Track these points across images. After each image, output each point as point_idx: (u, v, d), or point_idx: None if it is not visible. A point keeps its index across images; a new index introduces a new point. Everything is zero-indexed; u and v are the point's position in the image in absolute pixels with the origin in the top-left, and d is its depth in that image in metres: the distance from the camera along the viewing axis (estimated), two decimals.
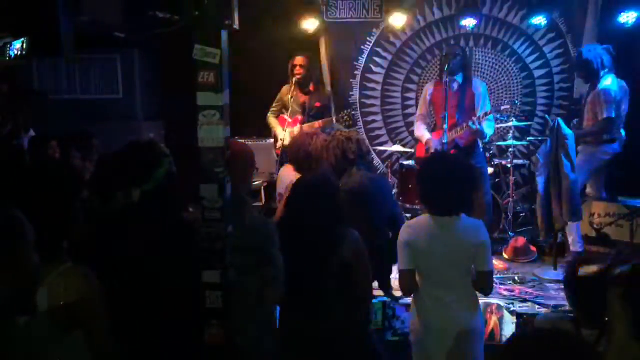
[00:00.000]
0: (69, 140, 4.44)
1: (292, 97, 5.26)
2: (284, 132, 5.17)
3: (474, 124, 4.52)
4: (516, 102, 4.74)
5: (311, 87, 5.39)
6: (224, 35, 2.34)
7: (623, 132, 4.78)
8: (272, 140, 5.63)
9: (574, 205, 4.28)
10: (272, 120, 5.48)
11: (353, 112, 6.49)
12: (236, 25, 2.40)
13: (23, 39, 5.19)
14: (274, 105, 5.51)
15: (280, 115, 5.42)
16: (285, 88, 5.43)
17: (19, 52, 5.19)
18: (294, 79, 5.26)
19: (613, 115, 4.60)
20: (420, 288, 2.75)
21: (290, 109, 5.27)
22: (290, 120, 5.24)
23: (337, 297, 2.64)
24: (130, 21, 5.66)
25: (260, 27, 6.06)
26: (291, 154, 3.75)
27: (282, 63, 5.64)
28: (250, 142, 5.59)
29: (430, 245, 2.68)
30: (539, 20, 5.91)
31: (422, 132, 4.96)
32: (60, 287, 1.79)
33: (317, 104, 5.34)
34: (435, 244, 2.67)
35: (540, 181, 4.52)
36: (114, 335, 1.92)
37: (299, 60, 5.28)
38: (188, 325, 2.32)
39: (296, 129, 5.10)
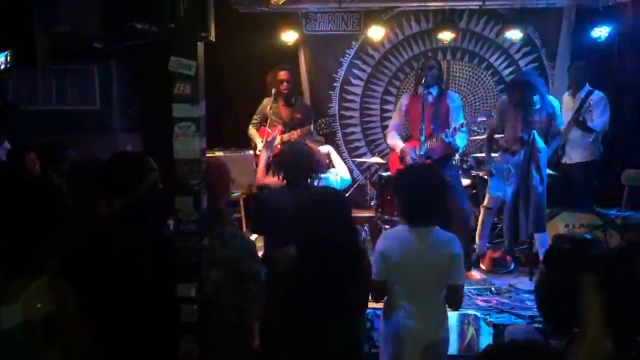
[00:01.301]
0: (43, 151, 4.38)
1: (270, 109, 5.28)
2: (263, 142, 5.17)
3: (447, 136, 4.56)
4: (492, 114, 4.79)
5: (293, 100, 5.41)
6: (200, 47, 2.34)
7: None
8: (251, 152, 5.62)
9: (539, 217, 4.36)
10: (252, 132, 5.49)
11: (333, 124, 6.52)
12: (212, 38, 2.40)
13: (7, 52, 5.14)
14: (255, 117, 5.52)
15: (261, 127, 5.42)
16: (266, 100, 5.43)
17: (3, 66, 5.15)
18: (282, 94, 5.28)
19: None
20: (392, 297, 2.77)
21: (269, 120, 5.29)
22: (270, 131, 5.24)
23: (356, 308, 2.63)
24: (108, 32, 5.64)
25: (239, 39, 6.08)
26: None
27: (261, 75, 5.65)
28: (228, 154, 5.57)
29: (404, 256, 2.69)
30: (514, 34, 6.03)
31: (395, 140, 4.97)
32: (35, 301, 1.75)
33: (298, 116, 5.36)
34: (409, 255, 2.69)
35: (508, 191, 4.56)
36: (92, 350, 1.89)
37: (283, 75, 5.30)
38: (162, 339, 2.29)
39: (279, 139, 5.12)
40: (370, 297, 2.83)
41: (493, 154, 4.95)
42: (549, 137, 4.75)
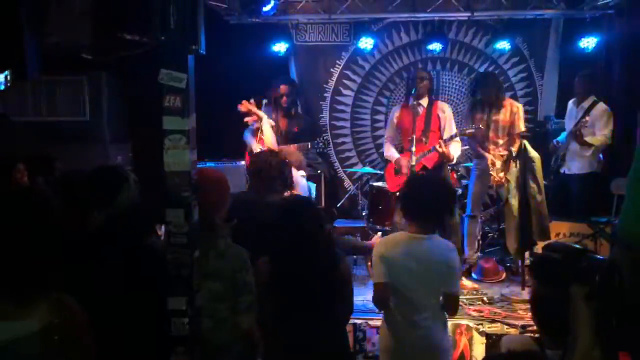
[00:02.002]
0: (31, 163, 4.34)
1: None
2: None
3: (440, 146, 4.59)
4: (480, 126, 4.82)
5: (292, 112, 5.41)
6: (191, 59, 2.33)
7: None
8: (242, 163, 5.60)
9: (543, 225, 4.37)
10: (248, 136, 5.44)
11: (324, 134, 6.56)
12: (202, 50, 2.39)
13: (7, 72, 5.14)
14: (253, 127, 5.48)
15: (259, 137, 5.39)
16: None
17: (3, 85, 5.15)
18: (282, 107, 5.28)
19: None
20: (391, 305, 2.77)
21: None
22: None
23: (336, 314, 2.64)
24: (98, 43, 5.62)
25: (230, 50, 6.08)
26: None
27: (252, 85, 5.65)
28: (219, 165, 5.55)
29: (403, 262, 2.71)
30: (503, 45, 6.09)
31: (391, 152, 5.03)
32: (51, 317, 1.75)
33: (295, 129, 5.34)
34: (409, 261, 2.71)
35: (515, 202, 4.58)
36: None
37: (283, 88, 5.30)
38: (151, 349, 2.27)
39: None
40: (375, 304, 2.86)
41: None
42: (509, 139, 4.85)
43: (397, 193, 4.53)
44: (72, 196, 2.75)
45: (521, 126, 4.96)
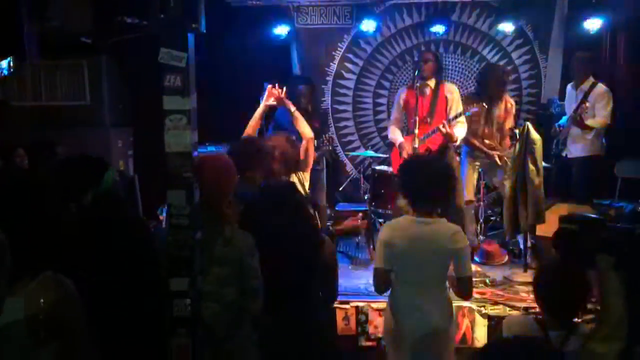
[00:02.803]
0: (32, 148, 4.34)
1: None
2: None
3: (443, 126, 4.56)
4: (484, 104, 4.78)
5: (309, 109, 5.32)
6: (191, 38, 2.31)
7: None
8: None
9: (538, 209, 4.35)
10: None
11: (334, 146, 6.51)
12: (203, 29, 2.36)
13: (10, 58, 5.12)
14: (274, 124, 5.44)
15: None
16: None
17: (7, 71, 5.13)
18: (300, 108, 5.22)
19: None
20: (396, 289, 2.77)
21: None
22: None
23: (319, 297, 2.65)
24: (98, 27, 5.58)
25: (232, 33, 6.04)
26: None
27: (254, 68, 5.61)
28: (219, 149, 5.52)
29: (408, 247, 2.69)
30: (507, 26, 6.01)
31: (395, 135, 5.01)
32: (38, 296, 1.72)
33: (316, 125, 5.27)
34: (414, 245, 2.69)
35: (508, 184, 4.58)
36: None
37: (304, 90, 5.20)
38: (149, 329, 2.27)
39: None
40: (374, 288, 2.85)
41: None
42: (501, 135, 4.91)
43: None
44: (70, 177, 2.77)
45: (511, 123, 5.02)
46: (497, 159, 4.98)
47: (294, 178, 3.74)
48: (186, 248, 2.34)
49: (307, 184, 4.13)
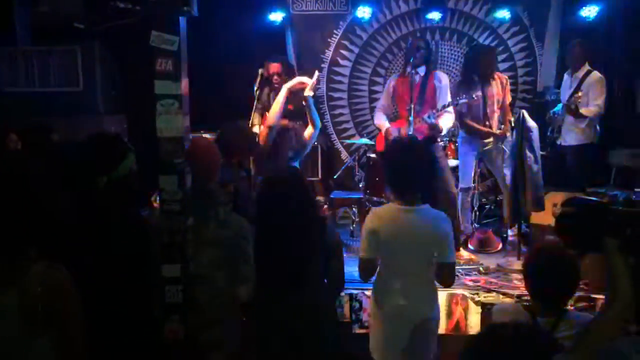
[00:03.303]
0: (27, 134, 4.29)
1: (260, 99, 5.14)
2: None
3: (429, 117, 4.53)
4: (473, 96, 4.75)
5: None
6: (182, 21, 2.28)
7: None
8: None
9: (538, 196, 4.35)
10: (256, 118, 5.36)
11: (320, 105, 6.49)
12: (195, 12, 2.33)
13: None
14: (257, 104, 5.39)
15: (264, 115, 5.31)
16: (266, 89, 5.27)
17: None
18: (273, 86, 5.16)
19: None
20: (381, 275, 2.77)
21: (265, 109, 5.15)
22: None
23: (322, 282, 2.64)
24: (91, 12, 5.52)
25: (227, 19, 5.98)
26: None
27: (248, 54, 5.56)
28: (214, 136, 5.47)
29: (393, 234, 2.69)
30: (503, 13, 6.00)
31: (381, 121, 4.96)
32: (35, 285, 1.70)
33: (290, 107, 5.23)
34: (399, 232, 2.68)
35: (507, 173, 4.58)
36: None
37: (274, 67, 5.16)
38: (142, 320, 2.26)
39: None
40: (360, 276, 2.84)
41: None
42: (503, 112, 4.86)
43: None
44: (69, 164, 2.72)
45: (509, 98, 5.02)
46: (495, 133, 4.93)
47: None
48: (178, 234, 2.32)
49: None
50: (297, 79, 4.16)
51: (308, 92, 4.05)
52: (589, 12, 5.74)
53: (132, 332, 2.23)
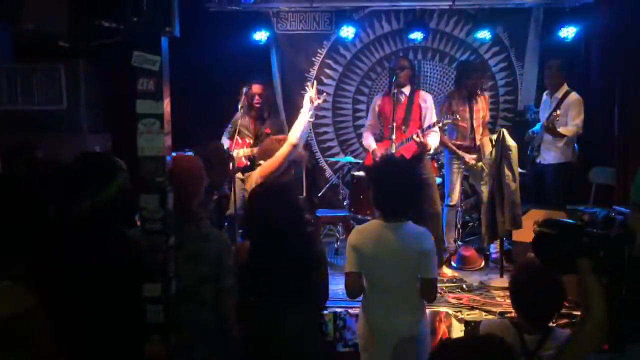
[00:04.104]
0: (11, 152, 4.25)
1: (240, 121, 5.16)
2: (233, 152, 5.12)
3: (417, 136, 4.59)
4: (457, 116, 4.83)
5: (265, 114, 5.33)
6: (164, 42, 2.29)
7: None
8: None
9: (515, 214, 4.41)
10: (224, 141, 5.36)
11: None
12: (177, 33, 2.35)
13: None
14: (229, 127, 5.41)
15: (235, 138, 5.31)
16: (239, 113, 5.30)
17: None
18: (254, 108, 5.19)
19: None
20: (367, 293, 2.77)
21: (238, 131, 5.16)
22: (239, 141, 5.17)
23: (305, 296, 2.62)
24: (76, 31, 5.52)
25: (211, 39, 6.02)
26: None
27: (233, 74, 5.59)
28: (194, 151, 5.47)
29: (376, 251, 2.70)
30: (484, 34, 6.10)
31: (368, 141, 5.03)
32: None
33: (267, 131, 5.25)
34: (382, 249, 2.70)
35: (485, 190, 4.63)
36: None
37: (256, 88, 5.21)
38: (124, 344, 2.23)
39: (242, 151, 5.09)
40: (346, 293, 2.84)
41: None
42: (482, 129, 4.95)
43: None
44: (60, 182, 2.69)
45: (488, 116, 5.20)
46: (472, 162, 5.03)
47: None
48: (159, 253, 2.31)
49: None
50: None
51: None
52: (567, 33, 5.87)
53: (114, 353, 2.21)
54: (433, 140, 4.74)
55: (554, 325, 2.77)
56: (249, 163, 5.03)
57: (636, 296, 1.64)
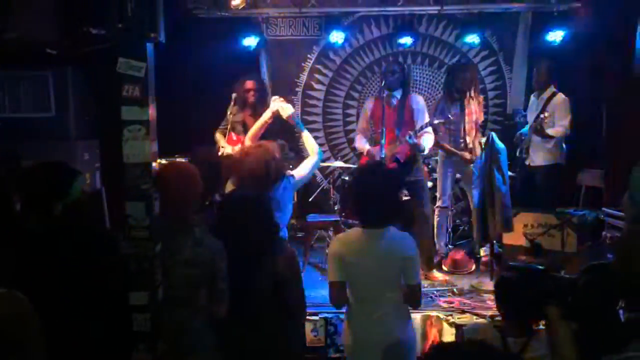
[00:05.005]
0: None
1: (232, 116, 5.18)
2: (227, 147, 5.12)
3: (410, 138, 4.60)
4: (449, 116, 4.85)
5: (259, 109, 5.30)
6: (150, 48, 2.29)
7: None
8: None
9: (506, 217, 4.41)
10: (218, 136, 5.36)
11: (295, 129, 6.53)
12: (162, 39, 2.34)
13: None
14: (223, 123, 5.40)
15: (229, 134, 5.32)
16: (233, 109, 5.30)
17: None
18: (249, 103, 5.19)
19: None
20: (351, 302, 2.73)
21: (231, 127, 5.18)
22: (234, 137, 5.17)
23: (272, 311, 2.60)
24: (63, 38, 5.49)
25: (200, 45, 6.01)
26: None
27: (223, 80, 5.58)
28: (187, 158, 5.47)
29: (358, 259, 2.66)
30: (472, 38, 6.12)
31: (362, 144, 5.03)
32: None
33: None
34: (364, 257, 2.66)
35: (475, 194, 4.64)
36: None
37: (250, 84, 5.20)
38: (112, 345, 2.22)
39: (238, 148, 5.06)
40: (330, 302, 2.81)
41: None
42: (476, 131, 4.98)
43: None
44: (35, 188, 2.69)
45: (482, 117, 5.16)
46: (468, 157, 5.02)
47: None
48: (146, 261, 2.30)
49: None
50: (279, 105, 4.11)
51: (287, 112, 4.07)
52: (555, 36, 5.90)
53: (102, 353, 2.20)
54: (426, 141, 4.75)
55: (540, 328, 2.77)
56: None
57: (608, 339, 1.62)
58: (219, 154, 5.24)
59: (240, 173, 3.29)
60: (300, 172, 3.65)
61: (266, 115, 4.11)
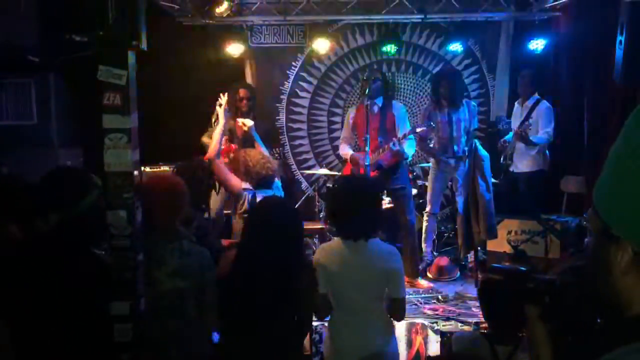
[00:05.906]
0: None
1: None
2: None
3: (394, 145, 4.62)
4: (431, 123, 4.87)
5: (251, 116, 5.31)
6: (131, 56, 2.27)
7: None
8: None
9: (490, 224, 4.43)
10: (206, 140, 5.31)
11: (280, 136, 6.55)
12: (144, 46, 2.33)
13: None
14: (209, 129, 5.36)
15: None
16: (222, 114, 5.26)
17: None
18: (241, 111, 5.18)
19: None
20: (334, 312, 2.71)
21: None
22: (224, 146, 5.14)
23: (290, 324, 2.58)
24: (45, 45, 5.43)
25: (184, 53, 5.99)
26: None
27: (208, 88, 5.55)
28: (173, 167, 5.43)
29: (341, 270, 2.63)
30: (456, 47, 6.17)
31: (345, 150, 5.07)
32: None
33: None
34: (347, 268, 2.63)
35: (459, 201, 4.66)
36: None
37: (243, 92, 5.21)
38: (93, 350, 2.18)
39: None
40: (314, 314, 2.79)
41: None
42: (469, 137, 4.99)
43: None
44: (25, 197, 2.63)
45: (476, 123, 5.17)
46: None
47: None
48: (128, 270, 2.27)
49: None
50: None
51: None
52: (537, 45, 5.97)
53: None
54: (409, 147, 4.77)
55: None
56: None
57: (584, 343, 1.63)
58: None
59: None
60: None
61: (221, 129, 4.22)
